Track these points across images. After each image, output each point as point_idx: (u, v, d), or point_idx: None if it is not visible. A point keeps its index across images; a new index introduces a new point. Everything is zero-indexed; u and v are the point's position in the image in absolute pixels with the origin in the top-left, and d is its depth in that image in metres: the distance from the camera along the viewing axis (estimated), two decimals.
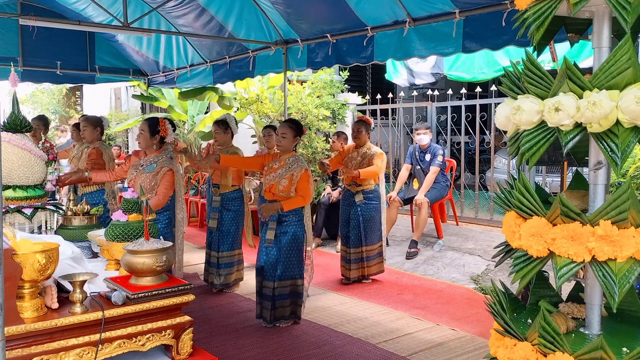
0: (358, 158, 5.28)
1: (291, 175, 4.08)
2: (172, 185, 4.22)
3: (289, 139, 4.16)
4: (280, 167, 4.13)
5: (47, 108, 14.29)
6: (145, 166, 4.25)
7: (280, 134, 4.17)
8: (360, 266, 5.32)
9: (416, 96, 8.14)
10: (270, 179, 4.15)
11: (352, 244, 5.29)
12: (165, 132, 4.32)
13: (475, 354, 3.66)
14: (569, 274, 1.68)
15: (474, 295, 4.93)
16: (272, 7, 5.32)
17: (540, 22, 1.74)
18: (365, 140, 5.30)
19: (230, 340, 3.89)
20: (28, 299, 2.15)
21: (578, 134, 1.69)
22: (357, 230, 5.27)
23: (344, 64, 5.35)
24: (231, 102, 8.41)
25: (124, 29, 5.58)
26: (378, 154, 5.26)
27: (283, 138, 4.16)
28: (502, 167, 7.98)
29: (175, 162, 4.41)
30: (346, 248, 5.35)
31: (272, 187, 4.14)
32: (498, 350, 1.89)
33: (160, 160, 4.23)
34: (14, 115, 3.27)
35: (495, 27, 3.97)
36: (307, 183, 4.09)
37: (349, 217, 5.33)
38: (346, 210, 5.39)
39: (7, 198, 3.14)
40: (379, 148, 5.46)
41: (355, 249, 5.28)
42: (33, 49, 7.16)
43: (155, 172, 4.17)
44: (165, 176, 4.16)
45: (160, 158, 4.26)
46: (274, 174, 4.14)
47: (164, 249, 2.45)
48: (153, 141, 4.29)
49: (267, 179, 4.18)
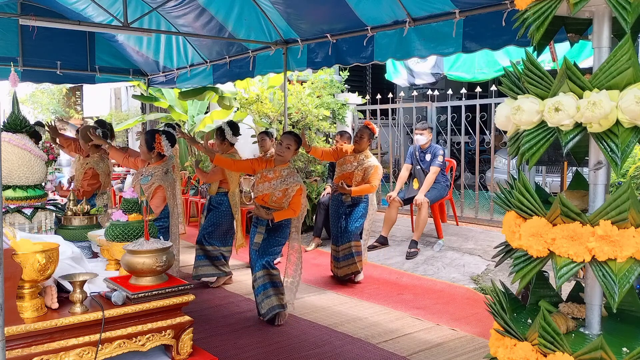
0: (354, 163, 5.24)
1: (285, 189, 4.14)
2: (163, 201, 4.47)
3: (292, 150, 4.22)
4: (275, 178, 4.16)
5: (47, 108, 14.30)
6: (142, 177, 4.48)
7: (286, 145, 4.18)
8: (350, 262, 5.29)
9: (416, 96, 8.14)
10: (263, 189, 4.18)
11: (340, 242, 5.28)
12: (161, 149, 4.47)
13: (475, 354, 3.66)
14: (569, 274, 1.68)
15: (474, 295, 4.93)
16: (272, 7, 5.32)
17: (540, 22, 1.74)
18: (365, 147, 5.27)
19: (230, 340, 3.89)
20: (28, 299, 2.15)
21: (578, 134, 1.69)
22: (343, 228, 5.26)
23: (344, 64, 5.35)
24: (231, 102, 8.41)
25: (124, 29, 5.58)
26: (375, 170, 5.18)
27: (287, 149, 4.18)
28: (502, 167, 7.98)
29: (172, 173, 4.63)
30: (335, 247, 5.35)
31: (265, 197, 4.19)
32: (498, 350, 1.89)
33: (155, 174, 4.46)
34: (14, 115, 3.27)
35: (495, 27, 3.97)
36: (300, 198, 4.17)
37: (337, 216, 5.33)
38: (334, 209, 5.40)
39: (7, 198, 3.14)
40: (376, 159, 5.38)
41: (342, 246, 5.28)
42: (33, 49, 7.17)
43: (149, 185, 4.42)
44: (155, 191, 4.41)
45: (156, 171, 4.48)
46: (268, 183, 4.17)
47: (164, 249, 2.45)
48: (152, 154, 4.52)
49: (259, 187, 4.21)
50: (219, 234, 5.19)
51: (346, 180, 5.23)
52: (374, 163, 5.23)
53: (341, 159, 5.33)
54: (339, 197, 5.33)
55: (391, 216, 6.49)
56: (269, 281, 4.18)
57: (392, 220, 6.52)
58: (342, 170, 5.29)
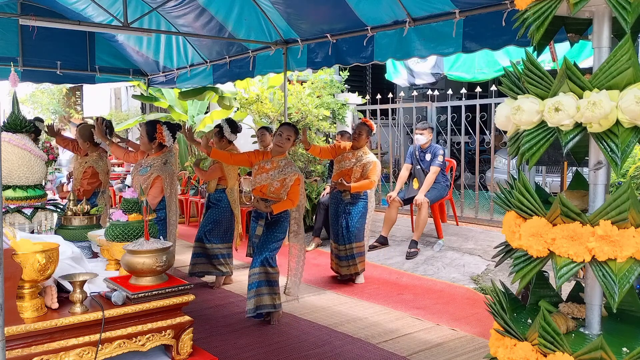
0: (353, 160, 5.23)
1: (283, 179, 4.12)
2: (161, 191, 4.47)
3: (291, 142, 4.22)
4: (272, 169, 4.15)
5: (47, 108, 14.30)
6: (141, 168, 4.47)
7: (286, 136, 4.17)
8: (351, 263, 5.29)
9: (416, 96, 8.14)
10: (261, 179, 4.16)
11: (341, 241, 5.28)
12: (162, 139, 4.48)
13: (475, 354, 3.66)
14: (569, 274, 1.68)
15: (474, 295, 4.93)
16: (272, 7, 5.32)
17: (540, 22, 1.74)
18: (363, 144, 5.27)
19: (230, 340, 3.89)
20: (28, 299, 2.15)
21: (578, 134, 1.69)
22: (344, 228, 5.26)
23: (344, 64, 5.35)
24: (231, 102, 8.41)
25: (124, 29, 5.58)
26: (373, 166, 5.19)
27: (287, 140, 4.18)
28: (502, 167, 7.98)
29: (172, 165, 4.60)
30: (337, 245, 5.35)
31: (262, 187, 4.17)
32: (498, 350, 1.89)
33: (154, 165, 4.45)
34: (14, 115, 3.27)
35: (495, 27, 3.97)
36: (298, 187, 4.15)
37: (337, 214, 5.32)
38: (332, 207, 5.39)
39: (7, 198, 3.14)
40: (375, 155, 5.38)
41: (343, 246, 5.28)
42: (33, 49, 7.17)
43: (147, 175, 4.41)
44: (154, 182, 4.40)
45: (155, 162, 4.47)
46: (265, 174, 4.15)
47: (164, 249, 2.45)
48: (152, 145, 4.50)
49: (257, 179, 4.18)
50: (218, 232, 5.19)
51: (345, 177, 5.22)
52: (372, 159, 5.24)
53: (339, 156, 5.32)
54: (337, 195, 5.32)
55: (391, 216, 6.49)
56: (265, 279, 4.12)
57: (392, 220, 6.52)
58: (340, 167, 5.28)
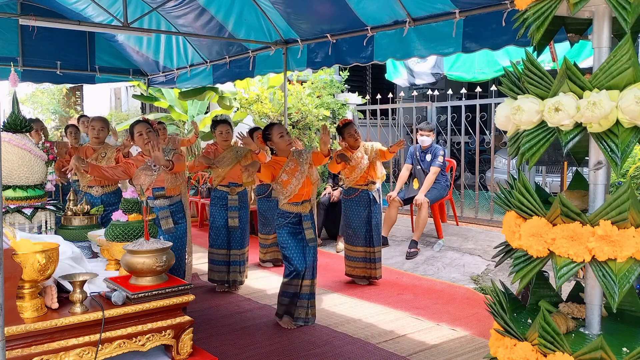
0: (364, 154, 5.24)
1: (309, 165, 4.14)
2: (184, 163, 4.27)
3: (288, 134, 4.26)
4: (296, 166, 4.09)
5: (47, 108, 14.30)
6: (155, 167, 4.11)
7: (285, 132, 4.19)
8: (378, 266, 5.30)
9: (416, 96, 8.14)
10: (299, 179, 4.07)
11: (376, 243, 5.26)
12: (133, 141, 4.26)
13: (475, 354, 3.66)
14: (569, 274, 1.68)
15: (474, 295, 4.93)
16: (272, 7, 5.32)
17: (540, 22, 1.74)
18: (360, 140, 5.29)
19: (230, 340, 3.89)
20: (28, 299, 2.15)
21: (578, 134, 1.69)
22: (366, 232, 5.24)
23: (344, 64, 5.35)
24: (231, 102, 8.41)
25: (124, 29, 5.58)
26: (377, 144, 5.34)
27: (286, 134, 4.21)
28: (502, 167, 7.98)
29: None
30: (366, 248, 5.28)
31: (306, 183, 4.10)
32: (498, 350, 1.89)
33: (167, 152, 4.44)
34: (14, 115, 3.27)
35: (495, 27, 3.97)
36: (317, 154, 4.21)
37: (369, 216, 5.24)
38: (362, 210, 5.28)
39: (7, 198, 3.14)
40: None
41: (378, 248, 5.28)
42: (33, 49, 7.17)
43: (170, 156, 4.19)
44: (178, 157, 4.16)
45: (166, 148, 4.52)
46: (298, 173, 4.07)
47: (164, 249, 2.45)
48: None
49: (294, 181, 4.07)
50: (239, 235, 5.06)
51: (371, 171, 5.22)
52: (374, 143, 5.35)
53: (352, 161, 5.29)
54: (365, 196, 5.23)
55: (391, 216, 6.49)
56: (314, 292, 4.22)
57: (392, 220, 6.52)
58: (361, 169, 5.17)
